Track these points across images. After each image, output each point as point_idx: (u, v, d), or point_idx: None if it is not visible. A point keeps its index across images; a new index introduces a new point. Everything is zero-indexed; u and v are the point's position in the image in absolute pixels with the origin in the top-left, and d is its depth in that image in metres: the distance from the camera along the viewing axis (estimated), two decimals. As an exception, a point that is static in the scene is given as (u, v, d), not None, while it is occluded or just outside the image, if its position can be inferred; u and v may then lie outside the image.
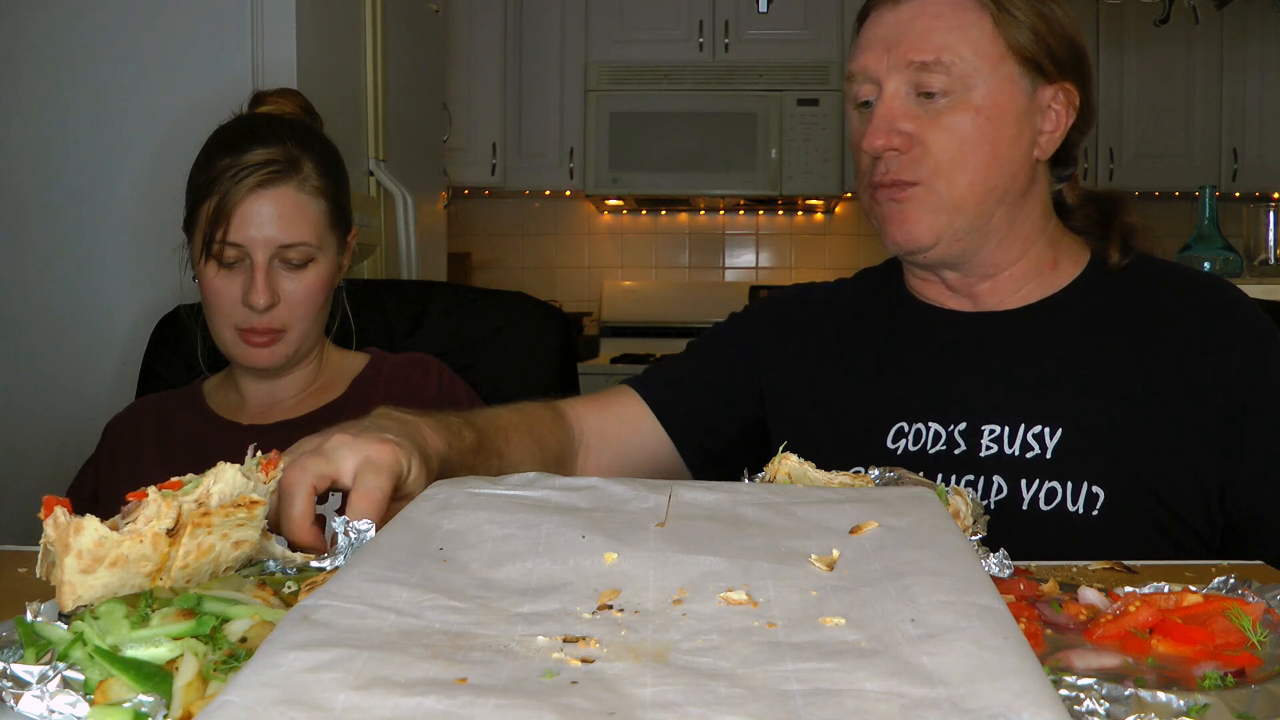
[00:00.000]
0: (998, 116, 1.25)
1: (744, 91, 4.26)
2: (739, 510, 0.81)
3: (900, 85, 1.27)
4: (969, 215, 1.27)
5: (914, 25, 1.27)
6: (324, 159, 1.49)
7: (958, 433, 1.29)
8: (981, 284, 1.33)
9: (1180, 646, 0.70)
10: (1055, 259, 1.34)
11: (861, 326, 1.42)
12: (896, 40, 1.27)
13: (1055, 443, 1.24)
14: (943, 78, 1.24)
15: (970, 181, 1.26)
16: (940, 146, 1.25)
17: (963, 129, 1.25)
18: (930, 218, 1.27)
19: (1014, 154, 1.27)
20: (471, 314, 1.83)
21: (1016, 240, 1.31)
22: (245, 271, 1.43)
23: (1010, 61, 1.26)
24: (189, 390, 1.60)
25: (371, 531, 0.88)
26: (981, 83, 1.25)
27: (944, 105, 1.25)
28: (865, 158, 1.30)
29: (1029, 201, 1.30)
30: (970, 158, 1.25)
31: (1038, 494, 1.24)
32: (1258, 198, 4.25)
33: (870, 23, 1.31)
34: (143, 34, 2.14)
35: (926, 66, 1.25)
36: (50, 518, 0.73)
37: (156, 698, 0.62)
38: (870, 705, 0.53)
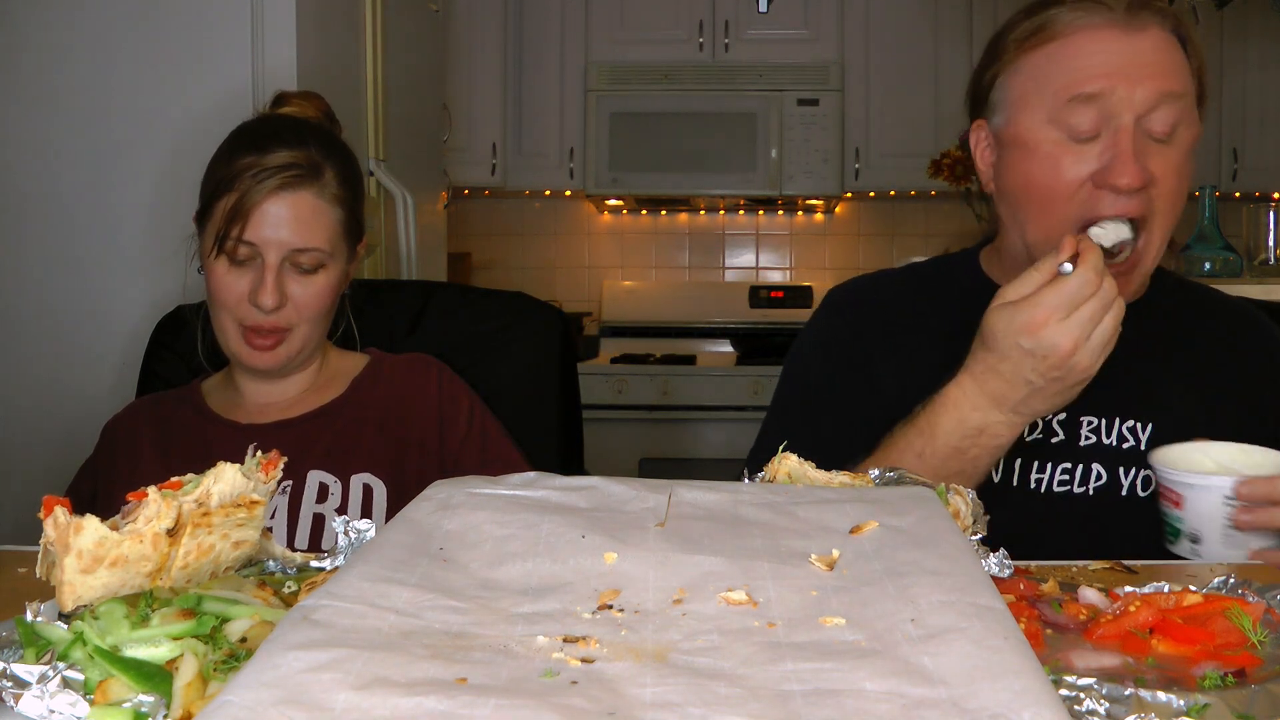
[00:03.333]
0: (1192, 155, 1.29)
1: (744, 91, 4.25)
2: (739, 510, 0.81)
3: (1131, 118, 1.24)
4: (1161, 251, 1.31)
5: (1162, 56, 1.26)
6: (345, 167, 1.49)
7: (1056, 423, 1.33)
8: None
9: (1180, 646, 0.70)
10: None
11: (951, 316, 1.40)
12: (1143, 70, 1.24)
13: (1148, 436, 1.32)
14: (1175, 114, 1.24)
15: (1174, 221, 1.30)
16: (1169, 187, 1.26)
17: (1182, 168, 1.27)
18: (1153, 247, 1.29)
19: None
20: (471, 314, 1.83)
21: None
22: (255, 270, 1.43)
23: (1199, 104, 1.30)
24: (188, 390, 1.60)
25: (371, 531, 0.88)
26: (1193, 122, 1.28)
27: (1171, 146, 1.26)
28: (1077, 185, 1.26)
29: None
30: (1181, 196, 1.29)
31: (1136, 480, 1.32)
32: (1258, 198, 4.25)
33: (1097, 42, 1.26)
34: (143, 35, 2.14)
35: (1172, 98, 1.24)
36: (50, 518, 0.73)
37: (156, 698, 0.62)
38: (870, 705, 0.53)
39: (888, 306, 1.47)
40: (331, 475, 1.47)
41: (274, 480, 0.83)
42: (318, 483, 1.47)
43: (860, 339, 1.46)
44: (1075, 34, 1.27)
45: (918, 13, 4.20)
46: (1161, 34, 1.27)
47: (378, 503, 1.46)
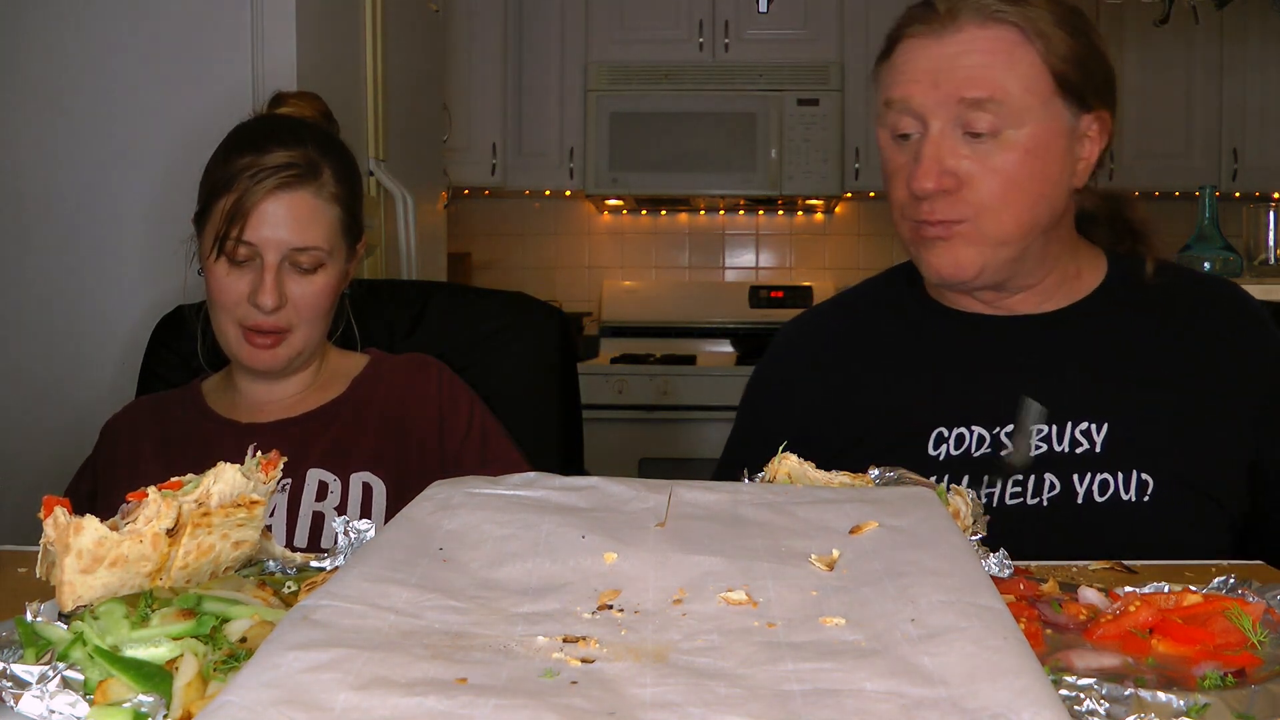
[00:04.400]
0: (1043, 154, 1.25)
1: (744, 91, 4.25)
2: (739, 510, 0.81)
3: (947, 123, 1.25)
4: (1012, 249, 1.28)
5: (964, 60, 1.24)
6: (342, 166, 1.49)
7: (1004, 435, 1.29)
8: (1012, 298, 1.35)
9: (1180, 646, 0.70)
10: (1079, 268, 1.36)
11: (887, 337, 1.42)
12: (944, 75, 1.25)
13: (1104, 437, 1.27)
14: (991, 117, 1.23)
15: (1016, 219, 1.26)
16: (988, 187, 1.24)
17: (1010, 168, 1.24)
18: (974, 252, 1.27)
19: (1057, 190, 1.28)
20: (471, 314, 1.83)
21: (1048, 259, 1.33)
22: (255, 271, 1.43)
23: (1056, 97, 1.25)
24: (187, 389, 1.60)
25: (371, 531, 0.88)
26: (1030, 121, 1.24)
27: (992, 145, 1.24)
28: (903, 189, 1.29)
29: (1061, 225, 1.32)
30: (1017, 196, 1.25)
31: (1091, 486, 1.26)
32: (1258, 198, 4.24)
33: (911, 50, 1.29)
34: (143, 35, 2.14)
35: (978, 104, 1.23)
36: (50, 518, 0.73)
37: (156, 698, 0.62)
38: (870, 705, 0.53)
39: (819, 341, 1.48)
40: (331, 474, 1.47)
41: (274, 480, 0.83)
42: (317, 481, 1.47)
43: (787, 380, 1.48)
44: (900, 43, 1.31)
45: (917, 13, 4.19)
46: (979, 33, 1.24)
47: (377, 501, 1.46)
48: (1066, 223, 1.34)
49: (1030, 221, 1.27)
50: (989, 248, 1.27)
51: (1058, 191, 1.28)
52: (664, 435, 4.01)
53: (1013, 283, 1.33)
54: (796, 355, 1.49)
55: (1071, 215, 1.35)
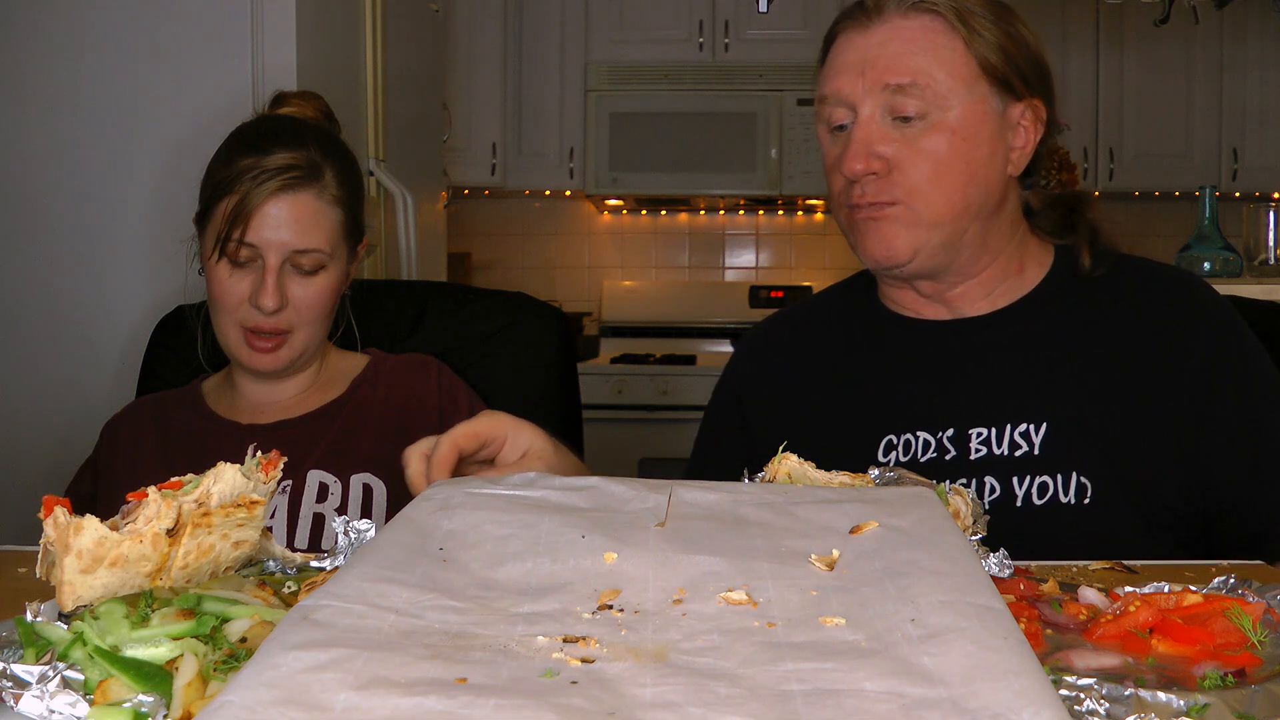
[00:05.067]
0: (972, 136, 1.27)
1: (744, 91, 4.26)
2: (739, 510, 0.81)
3: (875, 109, 1.28)
4: (945, 232, 1.29)
5: (887, 49, 1.28)
6: (344, 168, 1.49)
7: (946, 439, 1.31)
8: (953, 290, 1.35)
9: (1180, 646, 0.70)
10: (1022, 263, 1.37)
11: (838, 345, 1.44)
12: (870, 64, 1.28)
13: (1042, 438, 1.27)
14: (917, 101, 1.26)
15: (947, 200, 1.27)
16: (917, 169, 1.27)
17: (939, 150, 1.26)
18: (908, 234, 1.28)
19: (988, 172, 1.29)
20: (471, 314, 1.83)
21: (987, 250, 1.33)
22: (256, 272, 1.43)
23: (982, 81, 1.28)
24: (188, 390, 1.60)
25: (371, 531, 0.88)
26: (956, 104, 1.26)
27: (920, 128, 1.27)
28: (840, 179, 1.31)
29: (1001, 214, 1.33)
30: (947, 178, 1.27)
31: (1030, 489, 1.26)
32: (1258, 198, 4.25)
33: (840, 46, 1.33)
34: (143, 35, 2.14)
35: (902, 89, 1.26)
36: (50, 518, 0.73)
37: (156, 698, 0.62)
38: (870, 705, 0.53)
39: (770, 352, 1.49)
40: (331, 475, 1.47)
41: (274, 480, 0.83)
42: (318, 482, 1.47)
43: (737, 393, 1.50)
44: (833, 43, 1.36)
45: (918, 13, 4.18)
46: (902, 23, 1.28)
47: (377, 502, 1.46)
48: (1008, 213, 1.34)
49: (961, 203, 1.28)
50: (921, 230, 1.28)
51: (989, 174, 1.29)
52: (664, 435, 4.01)
53: (951, 272, 1.33)
54: (750, 366, 1.51)
55: (1014, 207, 1.35)
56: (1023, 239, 1.37)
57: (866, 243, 1.31)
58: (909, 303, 1.40)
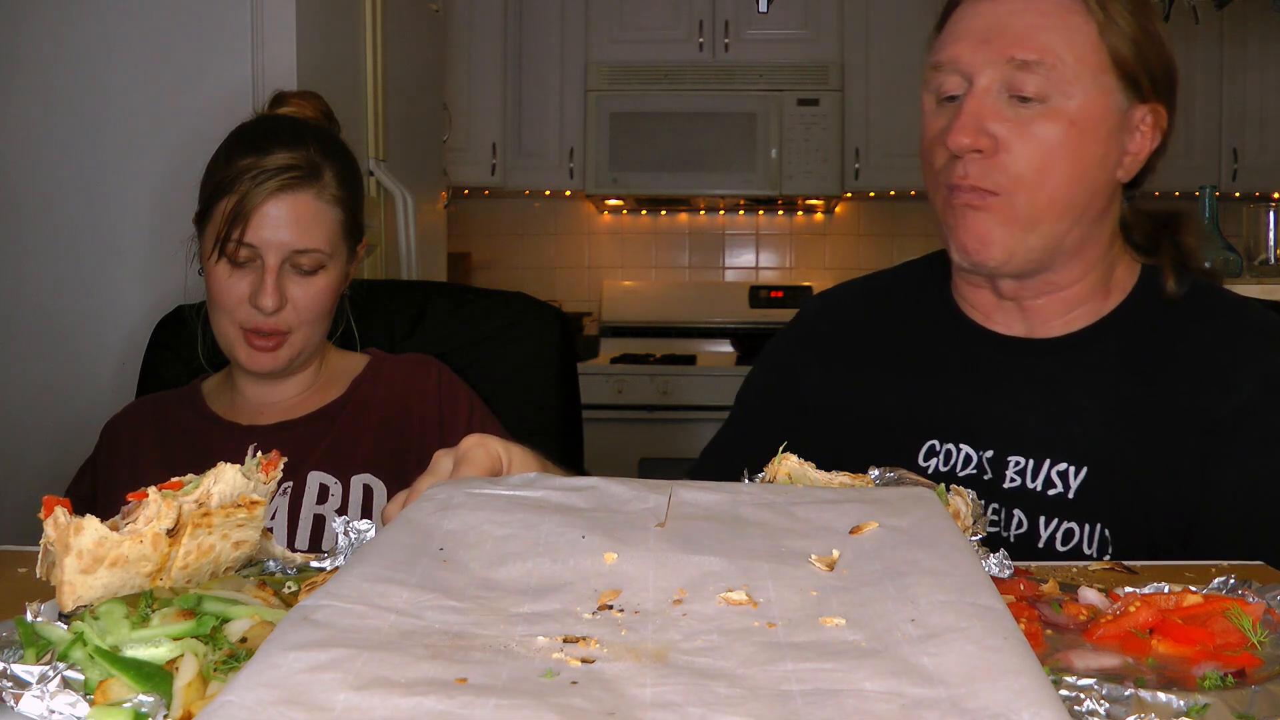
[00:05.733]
0: (1089, 130, 1.19)
1: (744, 91, 4.26)
2: (739, 510, 0.81)
3: (993, 82, 1.19)
4: (1044, 233, 1.20)
5: (1017, 20, 1.19)
6: (344, 168, 1.49)
7: (986, 459, 1.25)
8: (1036, 299, 1.28)
9: (1180, 647, 0.70)
10: (1109, 285, 1.29)
11: (901, 335, 1.37)
12: (996, 33, 1.19)
13: (1079, 482, 1.21)
14: (1039, 81, 1.17)
15: (1050, 195, 1.19)
16: (1025, 154, 1.18)
17: (1052, 138, 1.18)
18: (1004, 233, 1.20)
19: (1099, 173, 1.21)
20: (471, 314, 1.83)
21: (1082, 262, 1.26)
22: (255, 272, 1.43)
23: (1110, 73, 1.19)
24: (188, 390, 1.60)
25: (371, 532, 0.88)
26: (1079, 92, 1.18)
27: (1036, 111, 1.18)
28: (941, 153, 1.23)
29: (1102, 224, 1.25)
30: (1055, 171, 1.18)
31: (1056, 533, 1.21)
32: (1258, 198, 4.25)
33: (965, 11, 1.23)
34: (143, 35, 2.14)
35: (1026, 65, 1.17)
36: (50, 518, 0.73)
37: (156, 698, 0.62)
38: (870, 705, 0.53)
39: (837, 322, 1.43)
40: (332, 476, 1.47)
41: (274, 480, 0.83)
42: (318, 484, 1.47)
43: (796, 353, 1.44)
44: (955, 9, 1.25)
45: (918, 13, 4.19)
46: None
47: (378, 503, 1.46)
48: (1108, 224, 1.26)
49: (1064, 202, 1.19)
50: (1019, 230, 1.20)
51: (1098, 176, 1.20)
52: (664, 435, 4.01)
53: (1039, 278, 1.25)
54: (810, 335, 1.45)
55: (1115, 218, 1.27)
56: (1116, 256, 1.29)
57: (960, 234, 1.22)
58: (982, 304, 1.32)
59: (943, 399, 1.30)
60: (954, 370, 1.31)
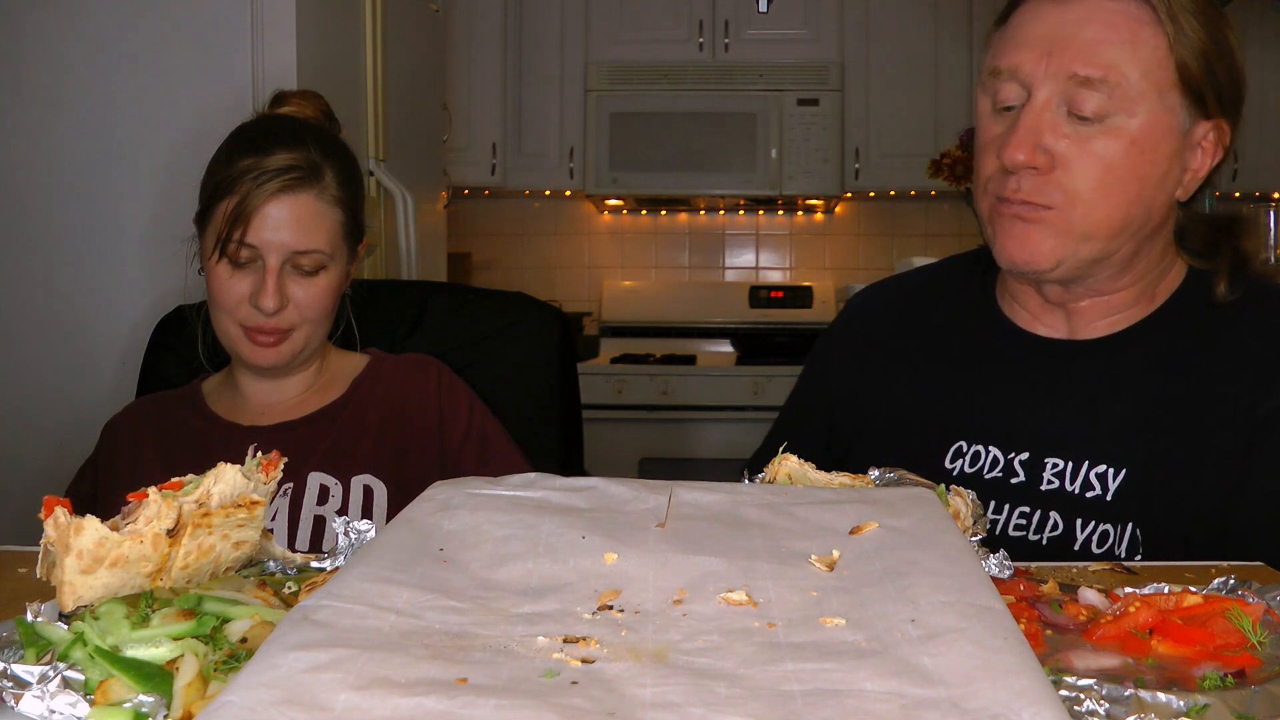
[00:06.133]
0: (1151, 150, 1.15)
1: (744, 91, 4.26)
2: (739, 511, 0.81)
3: (1053, 97, 1.15)
4: (1096, 247, 1.17)
5: (1083, 31, 1.14)
6: (344, 168, 1.49)
7: (1018, 462, 1.23)
8: (1080, 302, 1.26)
9: (1180, 647, 0.70)
10: (1156, 291, 1.26)
11: (938, 334, 1.36)
12: (1061, 44, 1.14)
13: (1117, 484, 1.19)
14: (1102, 99, 1.13)
15: (1107, 215, 1.15)
16: (1084, 173, 1.14)
17: (1112, 158, 1.14)
18: (1054, 242, 1.17)
19: (1157, 192, 1.17)
20: (471, 314, 1.83)
21: (1130, 272, 1.23)
22: (256, 272, 1.43)
23: (1175, 91, 1.15)
24: (188, 390, 1.60)
25: (372, 532, 0.88)
26: (1143, 111, 1.14)
27: (1097, 129, 1.14)
28: (993, 162, 1.19)
29: (1156, 238, 1.22)
30: (1114, 191, 1.15)
31: (1092, 536, 1.19)
32: (1258, 198, 4.25)
33: (1027, 14, 1.18)
34: (143, 35, 2.14)
35: (1088, 82, 1.13)
36: (51, 518, 0.73)
37: (157, 698, 0.62)
38: (870, 705, 0.53)
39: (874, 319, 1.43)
40: (332, 477, 1.47)
41: (274, 481, 0.83)
42: (318, 485, 1.47)
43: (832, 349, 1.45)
44: (1019, 7, 1.21)
45: (918, 13, 4.20)
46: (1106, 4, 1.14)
47: (378, 504, 1.46)
48: (1163, 237, 1.23)
49: (1121, 222, 1.16)
50: (1071, 241, 1.16)
51: (1157, 196, 1.17)
52: (664, 435, 4.01)
53: (1086, 284, 1.23)
54: (845, 331, 1.45)
55: (1170, 231, 1.23)
56: (1168, 264, 1.26)
57: (1006, 242, 1.19)
58: (1026, 302, 1.30)
59: (977, 400, 1.28)
60: (991, 371, 1.29)
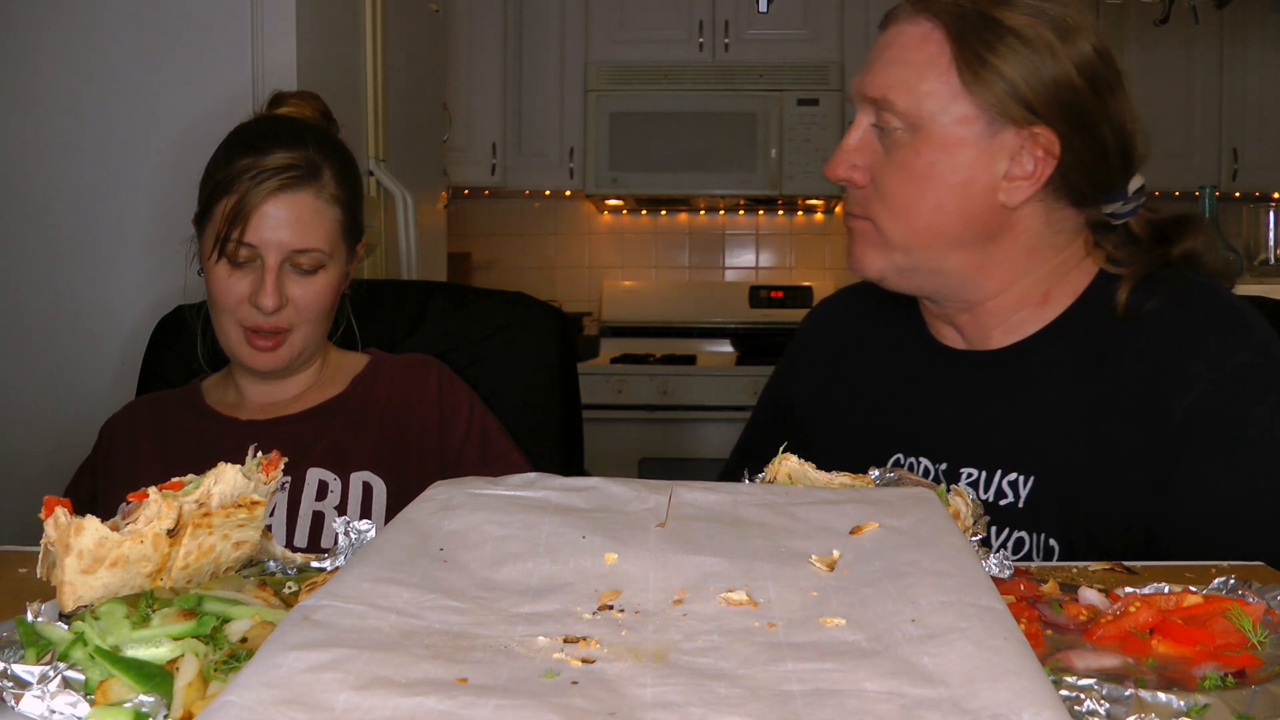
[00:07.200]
0: (947, 160, 1.18)
1: (744, 91, 4.26)
2: (739, 511, 0.81)
3: (865, 116, 1.23)
4: (916, 257, 1.22)
5: (882, 54, 1.22)
6: (343, 168, 1.49)
7: (941, 472, 1.27)
8: (960, 315, 1.29)
9: (1180, 647, 0.70)
10: (1047, 293, 1.26)
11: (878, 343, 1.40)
12: (865, 69, 1.23)
13: (1028, 491, 1.20)
14: (895, 117, 1.19)
15: (909, 226, 1.21)
16: (889, 187, 1.21)
17: (910, 171, 1.20)
18: (875, 254, 1.24)
19: (966, 201, 1.19)
20: (471, 314, 1.83)
21: (991, 280, 1.24)
22: (255, 272, 1.43)
23: (964, 102, 1.17)
24: (187, 389, 1.60)
25: (372, 532, 0.88)
26: (933, 125, 1.18)
27: (895, 144, 1.20)
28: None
29: (1004, 244, 1.22)
30: (917, 202, 1.20)
31: (1007, 543, 1.21)
32: (1258, 198, 4.25)
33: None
34: (143, 35, 2.14)
35: (883, 102, 1.20)
36: (51, 518, 0.73)
37: (157, 698, 0.62)
38: (870, 705, 0.53)
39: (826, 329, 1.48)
40: (331, 473, 1.47)
41: (275, 481, 0.83)
42: (317, 480, 1.47)
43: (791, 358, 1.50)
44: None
45: (918, 13, 4.19)
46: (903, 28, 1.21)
47: (377, 501, 1.47)
48: (1014, 245, 1.22)
49: (930, 231, 1.20)
50: (888, 251, 1.23)
51: (969, 205, 1.19)
52: (664, 435, 4.01)
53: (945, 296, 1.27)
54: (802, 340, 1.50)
55: (1032, 236, 1.22)
56: (1056, 268, 1.25)
57: (849, 254, 1.29)
58: (929, 318, 1.35)
59: (905, 411, 1.33)
60: (915, 382, 1.34)
